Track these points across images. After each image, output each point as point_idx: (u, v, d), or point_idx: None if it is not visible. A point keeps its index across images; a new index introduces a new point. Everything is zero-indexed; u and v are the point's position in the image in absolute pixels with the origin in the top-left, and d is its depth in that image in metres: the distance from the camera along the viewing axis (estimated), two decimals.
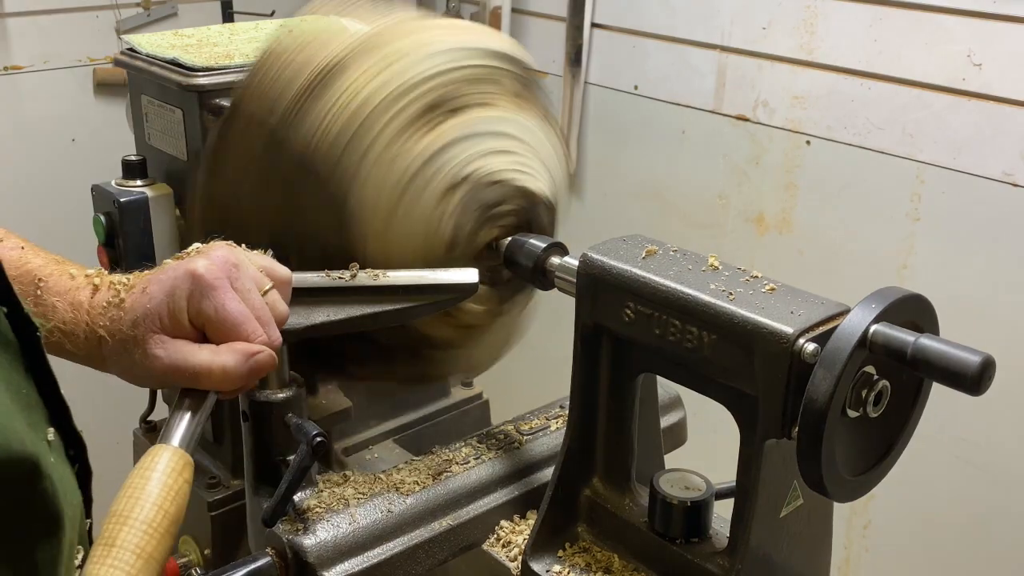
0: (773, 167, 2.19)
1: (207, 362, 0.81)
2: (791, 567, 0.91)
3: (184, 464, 0.76)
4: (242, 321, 0.82)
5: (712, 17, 2.22)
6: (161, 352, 0.81)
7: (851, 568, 2.22)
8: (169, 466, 0.75)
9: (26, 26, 2.53)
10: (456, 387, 1.54)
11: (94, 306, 0.83)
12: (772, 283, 0.86)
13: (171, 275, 0.83)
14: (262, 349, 0.83)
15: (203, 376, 0.81)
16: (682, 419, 1.20)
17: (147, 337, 0.81)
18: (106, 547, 0.67)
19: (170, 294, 0.82)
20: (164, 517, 0.71)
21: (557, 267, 1.01)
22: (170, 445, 0.78)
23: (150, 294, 0.82)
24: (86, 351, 0.83)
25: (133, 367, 0.83)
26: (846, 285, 2.01)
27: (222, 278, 0.82)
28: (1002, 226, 1.85)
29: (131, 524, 0.69)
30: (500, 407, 1.55)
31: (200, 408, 0.82)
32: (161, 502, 0.71)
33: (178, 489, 0.73)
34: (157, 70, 1.33)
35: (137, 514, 0.70)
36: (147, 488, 0.72)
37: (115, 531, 0.68)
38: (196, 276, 0.82)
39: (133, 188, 1.36)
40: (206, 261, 0.83)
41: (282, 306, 0.88)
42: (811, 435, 0.75)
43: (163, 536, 0.70)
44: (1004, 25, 1.76)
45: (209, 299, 0.81)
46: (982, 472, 1.96)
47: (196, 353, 0.82)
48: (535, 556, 0.98)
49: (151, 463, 0.75)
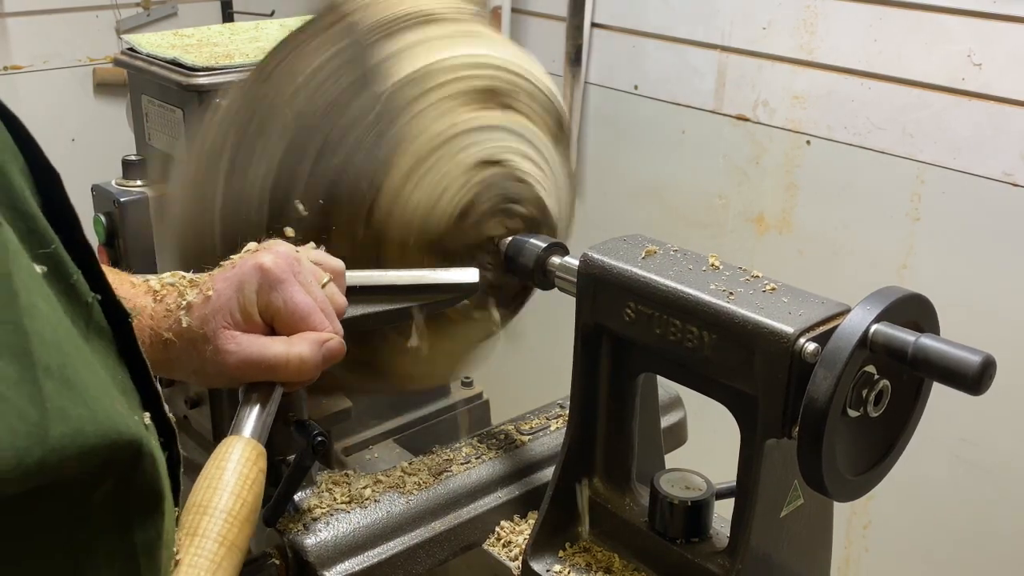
0: (773, 167, 2.19)
1: (283, 353, 0.82)
2: (791, 567, 0.91)
3: (258, 454, 0.77)
4: (310, 312, 0.84)
5: (712, 17, 2.22)
6: (234, 347, 0.82)
7: (851, 568, 2.22)
8: (243, 456, 0.76)
9: (26, 26, 2.53)
10: (456, 387, 1.54)
11: (157, 310, 0.84)
12: (772, 283, 0.86)
13: (238, 270, 0.84)
14: (332, 336, 0.85)
15: (280, 367, 0.82)
16: (682, 419, 1.20)
17: (218, 333, 0.82)
18: (189, 536, 0.68)
19: (239, 288, 0.83)
20: (243, 506, 0.72)
21: (557, 267, 1.01)
22: (243, 436, 0.78)
23: (218, 291, 0.83)
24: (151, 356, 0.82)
25: (204, 365, 0.83)
26: (846, 285, 2.01)
27: (288, 271, 0.84)
28: (1002, 226, 1.85)
29: (211, 513, 0.70)
30: (500, 407, 1.55)
31: (269, 400, 0.83)
32: (239, 491, 0.72)
33: (254, 478, 0.75)
34: (157, 70, 1.33)
35: (216, 503, 0.71)
36: (223, 478, 0.73)
37: (196, 521, 0.69)
38: (264, 269, 0.83)
39: (133, 188, 1.36)
40: (272, 255, 0.84)
41: (340, 298, 0.90)
42: (811, 435, 0.75)
43: (243, 524, 0.71)
44: (1004, 25, 1.76)
45: (278, 291, 0.83)
46: (982, 472, 1.96)
47: (271, 345, 0.83)
48: (535, 556, 0.98)
49: (225, 453, 0.76)
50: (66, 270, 0.52)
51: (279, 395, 0.84)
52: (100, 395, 0.49)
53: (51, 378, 0.45)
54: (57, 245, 0.51)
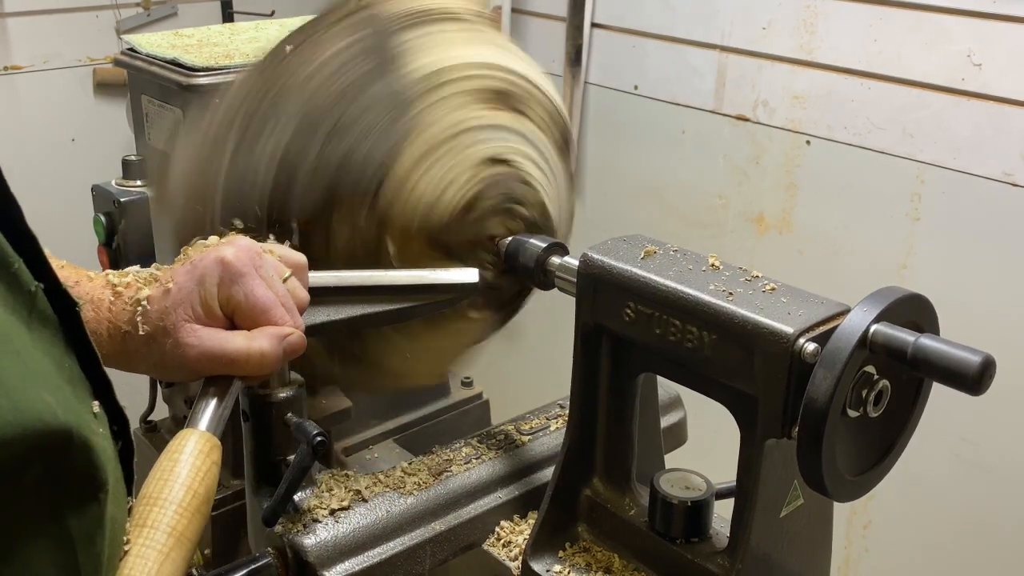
0: (773, 167, 2.19)
1: (244, 347, 0.82)
2: (791, 567, 0.91)
3: (212, 446, 0.77)
4: (271, 306, 0.84)
5: (712, 17, 2.22)
6: (194, 340, 0.82)
7: (851, 568, 2.22)
8: (196, 448, 0.75)
9: (26, 26, 2.53)
10: (456, 387, 1.54)
11: (116, 304, 0.84)
12: (772, 283, 0.86)
13: (199, 264, 0.84)
14: (293, 331, 0.84)
15: (240, 361, 0.82)
16: (682, 419, 1.20)
17: (178, 326, 0.82)
18: (138, 527, 0.68)
19: (200, 282, 0.82)
20: (194, 497, 0.72)
21: (557, 267, 1.01)
22: (197, 428, 0.78)
23: (178, 284, 0.83)
24: (110, 350, 0.83)
25: (164, 358, 0.83)
26: (846, 285, 2.01)
27: (249, 265, 0.84)
28: (1002, 226, 1.85)
29: (161, 504, 0.70)
30: (500, 407, 1.55)
31: (226, 394, 0.83)
32: (190, 483, 0.72)
33: (207, 470, 0.74)
34: (157, 70, 1.33)
35: (167, 495, 0.71)
36: (175, 470, 0.73)
37: (146, 512, 0.69)
38: (225, 263, 0.83)
39: (133, 188, 1.36)
40: (233, 249, 0.84)
41: (302, 292, 0.89)
42: (811, 435, 0.75)
43: (194, 515, 0.71)
44: (1004, 25, 1.76)
45: (239, 285, 0.83)
46: (982, 472, 1.96)
47: (231, 339, 0.83)
48: (535, 556, 0.98)
49: (179, 446, 0.76)
50: (6, 259, 0.52)
51: (237, 389, 0.84)
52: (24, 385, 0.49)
53: None
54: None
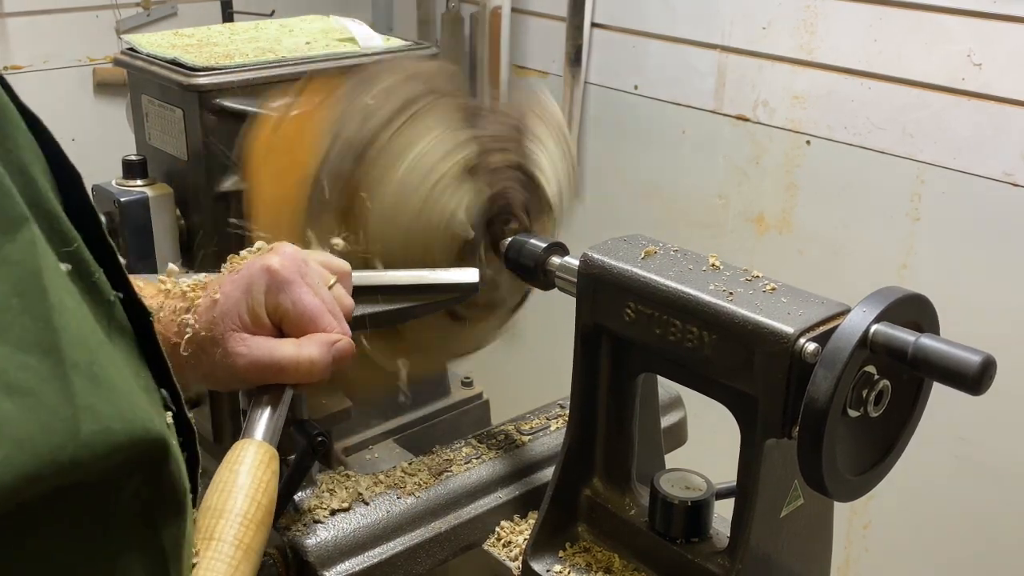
0: (773, 167, 2.19)
1: (293, 355, 0.82)
2: (791, 567, 0.91)
3: (270, 457, 0.77)
4: (319, 314, 0.84)
5: (712, 17, 2.22)
6: (243, 349, 0.82)
7: (851, 568, 2.22)
8: (256, 459, 0.76)
9: (26, 26, 2.53)
10: (456, 387, 1.54)
11: (164, 314, 0.84)
12: (772, 283, 0.86)
13: (246, 272, 0.84)
14: (341, 337, 0.85)
15: (290, 369, 0.82)
16: (682, 419, 1.20)
17: (227, 336, 0.82)
18: (205, 540, 0.68)
19: (247, 291, 0.83)
20: (258, 509, 0.72)
21: (557, 267, 1.01)
22: (255, 439, 0.78)
23: (225, 293, 0.83)
24: None
25: (214, 369, 0.83)
26: (846, 285, 2.01)
27: (295, 273, 0.84)
28: (1002, 226, 1.85)
29: (227, 517, 0.70)
30: (500, 407, 1.55)
31: (279, 402, 0.83)
32: (253, 494, 0.73)
33: (267, 481, 0.75)
34: (157, 70, 1.33)
35: (232, 507, 0.71)
36: (238, 482, 0.73)
37: (212, 524, 0.70)
38: (272, 271, 0.83)
39: (133, 188, 1.35)
40: (279, 257, 0.84)
41: (347, 299, 0.90)
42: (812, 435, 0.75)
43: (259, 527, 0.71)
44: (1004, 25, 1.76)
45: (286, 293, 0.83)
46: (982, 472, 1.96)
47: (280, 347, 0.83)
48: (535, 556, 0.98)
49: (239, 456, 0.76)
50: (88, 268, 0.52)
51: (289, 397, 0.84)
52: (127, 392, 0.49)
53: (80, 374, 0.45)
54: (79, 243, 0.52)
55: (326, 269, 0.89)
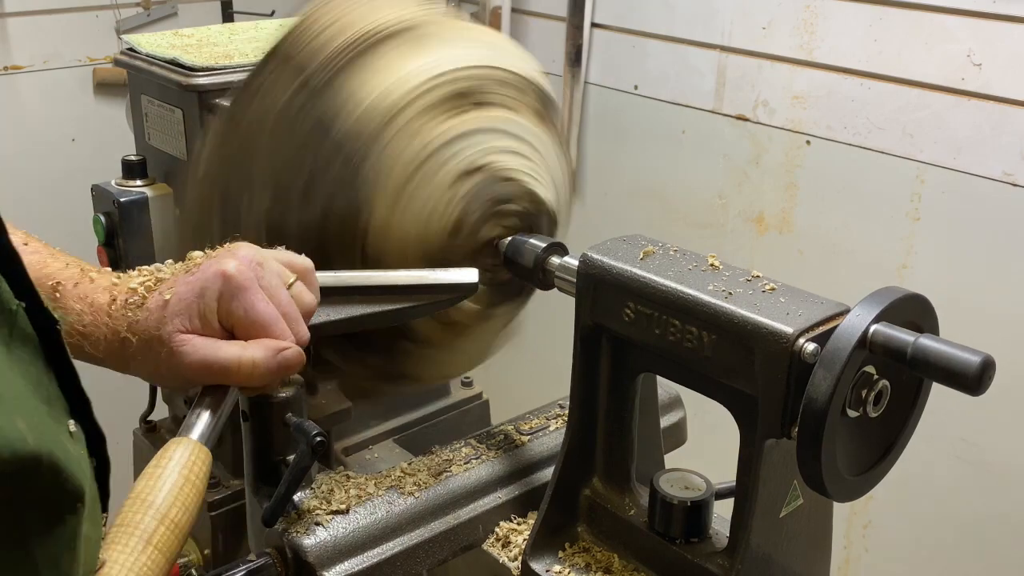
0: (773, 167, 2.19)
1: (236, 356, 0.82)
2: (791, 567, 0.91)
3: (202, 457, 0.77)
4: (271, 322, 0.83)
5: (712, 17, 2.22)
6: (189, 349, 0.81)
7: (851, 568, 2.22)
8: (184, 457, 0.75)
9: (26, 26, 2.53)
10: (456, 387, 1.54)
11: (115, 307, 0.83)
12: (772, 283, 0.86)
13: (200, 275, 0.83)
14: (290, 345, 0.84)
15: (232, 370, 0.82)
16: (682, 419, 1.20)
17: (173, 336, 0.81)
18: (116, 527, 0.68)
19: (200, 295, 0.82)
20: (172, 506, 0.71)
21: (557, 267, 1.01)
22: (188, 438, 0.78)
23: (178, 294, 0.82)
24: (107, 353, 0.83)
25: (159, 366, 0.83)
26: (846, 285, 2.01)
27: (251, 278, 0.83)
28: (1002, 226, 1.85)
29: (143, 510, 0.70)
30: (500, 407, 1.55)
31: (221, 404, 0.83)
32: (176, 492, 0.72)
33: (194, 481, 0.74)
34: (157, 70, 1.33)
35: (151, 501, 0.71)
36: (161, 477, 0.73)
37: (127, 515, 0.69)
38: (227, 276, 0.82)
39: (133, 188, 1.36)
40: (235, 261, 0.83)
41: (308, 296, 0.89)
42: (811, 435, 0.75)
43: (174, 527, 0.71)
44: (1004, 25, 1.76)
45: (239, 300, 0.82)
46: (982, 472, 1.96)
47: (225, 348, 0.82)
48: (535, 556, 0.98)
49: (168, 454, 0.76)
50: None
51: (233, 399, 0.84)
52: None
53: None
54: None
55: (287, 267, 0.88)
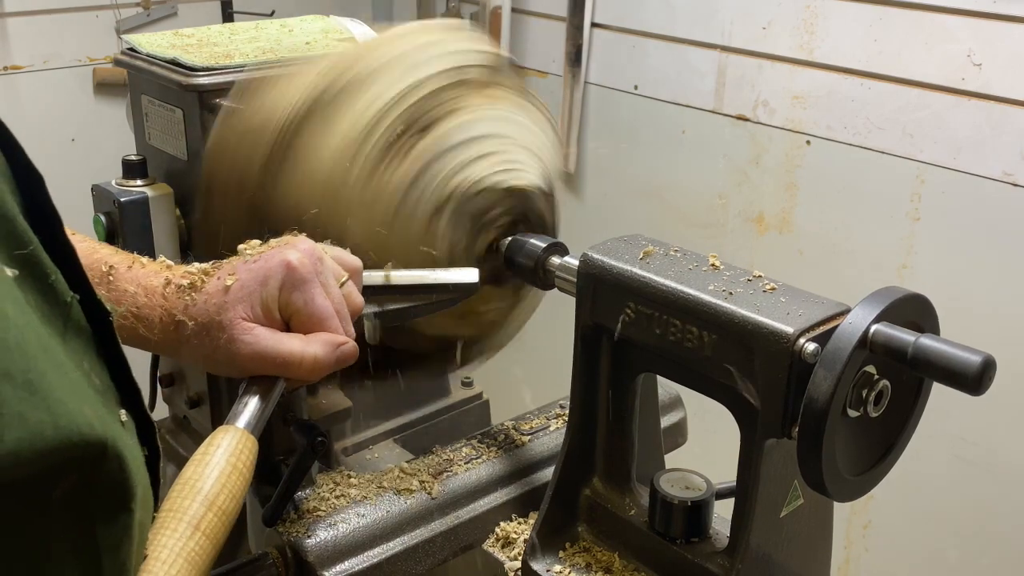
0: (773, 167, 2.20)
1: (299, 350, 0.82)
2: (791, 567, 0.91)
3: (250, 445, 0.77)
4: (328, 316, 0.84)
5: (712, 17, 2.22)
6: (250, 338, 0.82)
7: (851, 568, 2.22)
8: (234, 445, 0.76)
9: (26, 26, 2.53)
10: (456, 387, 1.54)
11: (169, 290, 0.84)
12: (772, 283, 0.86)
13: (264, 264, 0.84)
14: (347, 340, 0.85)
15: (293, 364, 0.82)
16: (682, 419, 1.20)
17: (235, 323, 0.82)
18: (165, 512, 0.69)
19: (263, 283, 0.83)
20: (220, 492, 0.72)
21: (557, 267, 1.01)
22: (236, 426, 0.78)
23: (241, 281, 0.83)
24: (161, 336, 0.83)
25: (216, 352, 0.83)
26: (846, 285, 2.01)
27: (312, 271, 0.84)
28: (1002, 226, 1.85)
29: (192, 496, 0.70)
30: (500, 407, 1.55)
31: (270, 395, 0.83)
32: (224, 480, 0.73)
33: (241, 469, 0.75)
34: (157, 70, 1.33)
35: (200, 487, 0.71)
36: (210, 464, 0.73)
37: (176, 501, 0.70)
38: (291, 267, 0.83)
39: (133, 188, 1.35)
40: (299, 254, 0.84)
41: (357, 297, 0.90)
42: (811, 435, 0.75)
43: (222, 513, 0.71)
44: (1004, 25, 1.76)
45: (300, 291, 0.83)
46: (982, 472, 1.96)
47: (286, 341, 0.83)
48: (535, 556, 0.98)
49: (216, 441, 0.76)
50: (43, 271, 0.53)
51: (280, 391, 0.84)
52: (66, 398, 0.49)
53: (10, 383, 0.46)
54: (36, 246, 0.52)
55: (340, 265, 0.89)
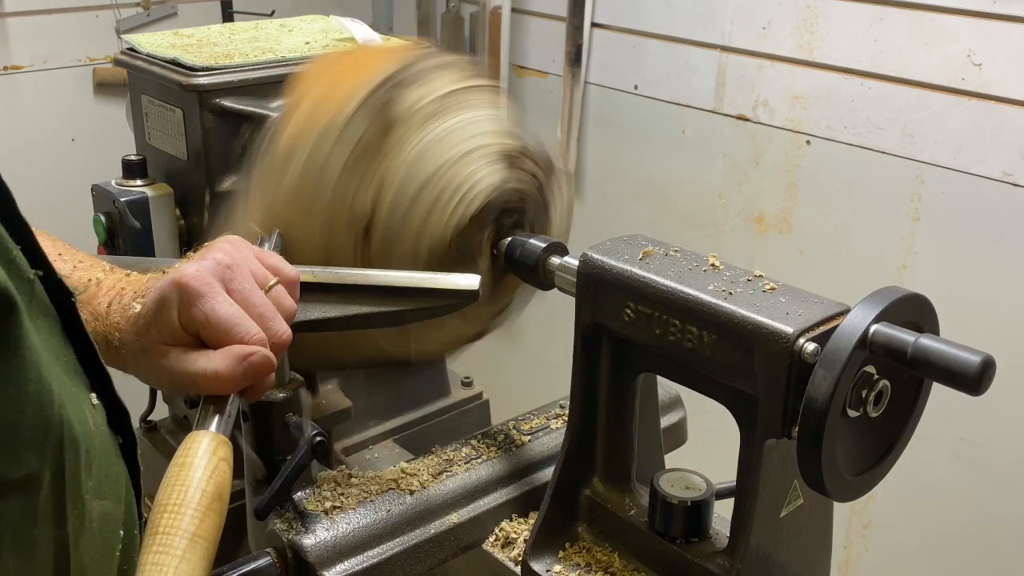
0: (773, 167, 2.20)
1: (201, 368, 0.80)
2: (791, 567, 0.91)
3: (219, 443, 0.76)
4: (235, 323, 0.81)
5: (712, 17, 2.22)
6: (166, 362, 0.81)
7: (851, 568, 2.22)
8: (204, 447, 0.75)
9: (26, 26, 2.53)
10: (456, 387, 1.54)
11: (111, 316, 0.83)
12: (772, 283, 0.86)
13: (160, 286, 0.82)
14: (256, 350, 0.81)
15: (200, 382, 0.80)
16: (682, 419, 1.20)
17: (154, 348, 0.81)
18: (151, 535, 0.68)
19: (162, 304, 0.81)
20: (203, 496, 0.71)
21: (557, 267, 1.01)
22: (205, 430, 0.77)
23: (147, 306, 0.81)
24: (108, 358, 0.83)
25: (151, 376, 0.83)
26: (846, 285, 2.01)
27: (211, 283, 0.81)
28: (1002, 226, 1.85)
29: (171, 510, 0.70)
30: (500, 407, 1.55)
31: (224, 408, 0.81)
32: (201, 484, 0.72)
33: (215, 467, 0.74)
34: (157, 70, 1.33)
35: (176, 499, 0.70)
36: (183, 474, 0.73)
37: (158, 520, 0.69)
38: (181, 285, 0.80)
39: (133, 188, 1.36)
40: (194, 267, 0.81)
41: (288, 301, 0.87)
42: (811, 435, 0.75)
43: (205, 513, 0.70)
44: (1004, 25, 1.76)
45: (198, 306, 0.80)
46: (982, 472, 1.96)
47: (192, 360, 0.81)
48: (535, 556, 0.98)
49: (187, 449, 0.75)
50: (5, 246, 0.52)
51: (236, 402, 0.82)
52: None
53: None
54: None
55: (269, 270, 0.86)
